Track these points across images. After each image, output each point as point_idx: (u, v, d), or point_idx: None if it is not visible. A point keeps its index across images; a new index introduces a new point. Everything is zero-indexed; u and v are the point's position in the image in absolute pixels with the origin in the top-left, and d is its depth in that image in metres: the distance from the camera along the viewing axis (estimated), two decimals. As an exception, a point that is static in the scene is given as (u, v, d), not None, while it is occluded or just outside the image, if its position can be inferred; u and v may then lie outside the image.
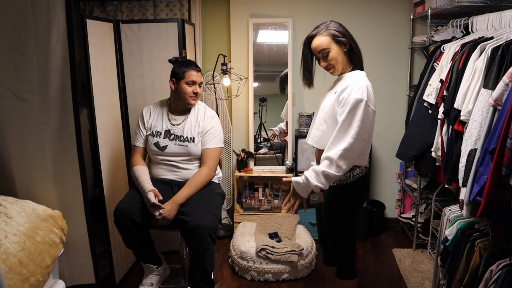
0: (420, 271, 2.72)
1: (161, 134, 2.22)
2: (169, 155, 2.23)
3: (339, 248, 1.88)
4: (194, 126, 2.23)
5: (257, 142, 3.44)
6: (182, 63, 2.22)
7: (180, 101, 2.22)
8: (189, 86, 2.17)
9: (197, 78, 2.19)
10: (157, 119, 2.27)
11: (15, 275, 1.62)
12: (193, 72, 2.18)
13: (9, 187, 2.14)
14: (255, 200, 3.35)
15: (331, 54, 1.71)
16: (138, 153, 2.29)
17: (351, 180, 1.76)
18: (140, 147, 2.28)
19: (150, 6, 3.09)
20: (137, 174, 2.20)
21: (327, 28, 1.72)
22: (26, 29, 2.03)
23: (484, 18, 2.12)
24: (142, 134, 2.27)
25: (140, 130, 2.28)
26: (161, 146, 2.21)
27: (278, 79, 3.36)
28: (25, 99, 2.09)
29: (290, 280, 2.67)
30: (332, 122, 1.72)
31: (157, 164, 2.27)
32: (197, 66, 2.23)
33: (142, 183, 2.15)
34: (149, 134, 2.25)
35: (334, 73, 1.77)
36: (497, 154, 1.45)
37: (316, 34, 1.73)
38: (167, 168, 2.25)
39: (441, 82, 2.17)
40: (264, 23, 3.25)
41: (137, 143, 2.29)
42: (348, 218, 1.82)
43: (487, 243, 1.77)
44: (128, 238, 2.12)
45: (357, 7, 3.18)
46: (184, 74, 2.17)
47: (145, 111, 2.30)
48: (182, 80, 2.17)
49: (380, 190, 3.44)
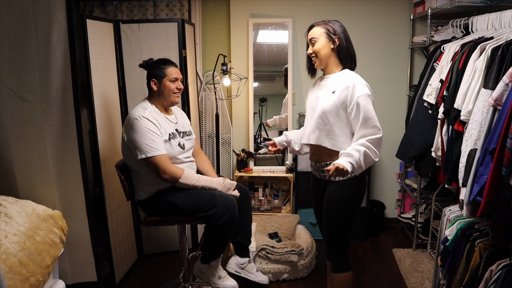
0: (420, 271, 2.72)
1: (176, 134, 2.21)
2: (187, 151, 2.25)
3: (336, 242, 1.94)
4: (184, 120, 2.35)
5: (257, 142, 3.44)
6: (158, 62, 2.18)
7: (164, 101, 2.19)
8: (173, 83, 2.16)
9: (178, 74, 2.18)
10: (163, 123, 2.16)
11: (15, 275, 1.62)
12: (174, 68, 2.17)
13: (11, 187, 2.14)
14: (255, 200, 3.36)
15: (317, 45, 1.85)
16: (169, 161, 2.08)
17: (351, 177, 1.84)
18: (166, 154, 2.08)
19: (150, 6, 3.09)
20: (195, 176, 2.15)
21: (326, 23, 1.86)
22: (27, 29, 2.04)
23: (484, 18, 2.12)
24: (162, 140, 2.08)
25: (158, 136, 2.06)
26: (182, 145, 2.21)
27: (278, 78, 3.37)
28: (26, 99, 2.09)
29: (290, 280, 2.67)
30: (335, 120, 1.83)
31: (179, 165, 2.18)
32: (174, 63, 2.21)
33: (207, 179, 2.18)
34: (169, 137, 2.13)
35: (316, 65, 1.91)
36: (497, 154, 1.45)
37: (315, 24, 1.88)
38: (188, 165, 2.25)
39: (441, 82, 2.17)
40: (264, 23, 3.26)
41: (163, 151, 2.05)
42: (348, 213, 1.90)
43: (487, 243, 1.77)
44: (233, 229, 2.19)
45: (357, 7, 3.18)
46: (165, 71, 2.14)
47: (149, 117, 2.08)
48: (165, 78, 2.14)
49: (380, 190, 3.44)
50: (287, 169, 3.30)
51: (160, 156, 2.03)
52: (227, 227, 2.11)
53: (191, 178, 2.12)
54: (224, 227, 2.10)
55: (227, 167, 3.44)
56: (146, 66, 2.20)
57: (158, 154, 2.02)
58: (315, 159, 1.97)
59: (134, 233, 2.87)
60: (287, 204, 3.40)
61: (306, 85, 3.29)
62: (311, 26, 1.90)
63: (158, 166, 2.03)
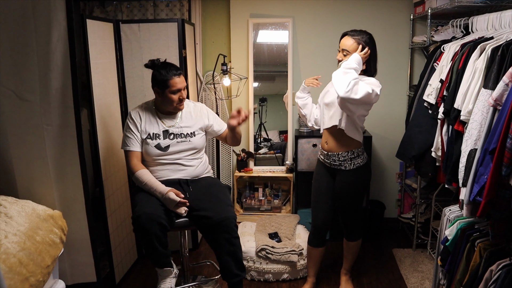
0: (420, 271, 2.72)
1: (160, 135, 2.17)
2: (173, 154, 2.20)
3: (355, 220, 2.37)
4: (191, 122, 2.24)
5: (257, 142, 3.45)
6: (161, 68, 2.10)
7: (167, 108, 2.18)
8: (175, 94, 2.11)
9: (181, 84, 2.11)
10: (150, 122, 2.18)
11: (15, 275, 1.62)
12: (176, 79, 2.09)
13: (10, 187, 2.14)
14: (255, 200, 3.36)
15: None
16: (135, 158, 2.17)
17: (363, 163, 2.25)
18: (136, 151, 2.17)
19: (150, 6, 3.09)
20: (145, 178, 2.11)
21: (359, 34, 2.13)
22: (26, 29, 2.03)
23: (484, 18, 2.12)
24: (137, 138, 2.17)
25: (133, 133, 2.17)
26: (163, 147, 2.17)
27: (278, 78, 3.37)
28: (26, 99, 2.09)
29: (290, 280, 2.67)
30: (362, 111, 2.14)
31: (158, 166, 2.20)
32: (177, 69, 2.13)
33: (154, 185, 2.09)
34: (146, 137, 2.17)
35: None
36: (497, 154, 1.45)
37: (348, 34, 2.14)
38: (171, 168, 2.21)
39: (441, 82, 2.17)
40: (264, 23, 3.26)
41: (132, 148, 2.17)
42: (362, 194, 2.33)
43: (487, 243, 1.77)
44: (153, 244, 2.00)
45: (357, 7, 3.18)
46: (168, 83, 2.08)
47: (133, 114, 2.19)
48: (167, 90, 2.09)
49: (380, 190, 3.44)
50: (287, 169, 3.30)
51: (129, 151, 2.18)
52: (138, 237, 2.05)
53: (141, 179, 2.12)
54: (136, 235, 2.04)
55: (227, 167, 3.44)
56: (151, 67, 2.15)
57: (127, 149, 2.19)
58: (327, 148, 2.25)
59: (134, 233, 2.86)
60: (287, 204, 3.40)
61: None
62: (344, 34, 2.14)
63: (126, 159, 2.21)
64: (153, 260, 2.09)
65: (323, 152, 2.30)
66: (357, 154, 2.22)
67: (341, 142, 2.21)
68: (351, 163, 2.21)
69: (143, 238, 2.00)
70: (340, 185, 2.27)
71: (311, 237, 2.43)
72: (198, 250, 3.07)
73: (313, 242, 2.42)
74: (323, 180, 2.33)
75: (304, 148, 3.12)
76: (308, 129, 3.22)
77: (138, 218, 1.95)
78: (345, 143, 2.21)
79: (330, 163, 2.26)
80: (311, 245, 2.44)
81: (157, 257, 2.07)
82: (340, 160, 2.22)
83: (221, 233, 2.04)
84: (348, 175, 2.23)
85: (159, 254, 2.05)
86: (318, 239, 2.40)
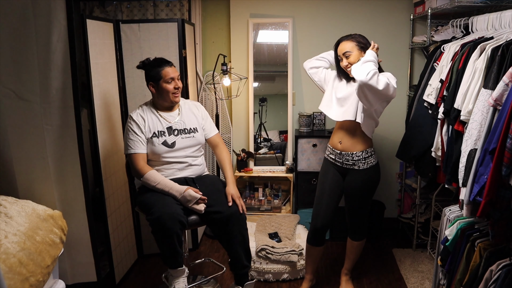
0: (420, 271, 2.72)
1: (165, 132, 2.21)
2: (179, 151, 2.22)
3: (362, 219, 2.40)
4: (192, 118, 2.31)
5: (257, 142, 3.45)
6: (153, 63, 2.18)
7: (164, 101, 2.22)
8: (169, 83, 2.16)
9: (174, 73, 2.17)
10: (152, 121, 2.21)
11: (15, 275, 1.62)
12: (168, 69, 2.16)
13: (11, 187, 2.14)
14: (255, 200, 3.36)
15: (352, 57, 2.11)
16: (142, 160, 2.16)
17: (375, 162, 2.26)
18: (141, 153, 2.17)
19: (150, 6, 3.09)
20: (158, 179, 2.11)
21: (353, 36, 2.12)
22: (27, 29, 2.04)
23: (484, 18, 2.12)
24: (141, 139, 2.17)
25: (137, 135, 2.17)
26: (169, 144, 2.20)
27: (278, 78, 3.37)
28: (26, 99, 2.09)
29: (290, 280, 2.67)
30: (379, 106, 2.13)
31: (165, 165, 2.22)
32: (169, 62, 2.19)
33: (169, 184, 2.10)
34: (152, 136, 2.19)
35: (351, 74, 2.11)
36: (497, 154, 1.45)
37: (343, 39, 2.14)
38: (178, 167, 2.24)
39: (441, 82, 2.17)
40: (264, 23, 3.26)
41: (137, 150, 2.16)
42: (372, 194, 2.35)
43: (487, 243, 1.77)
44: (173, 244, 2.00)
45: (357, 7, 3.18)
46: (161, 73, 2.14)
47: (135, 116, 2.20)
48: (161, 80, 2.15)
49: (380, 190, 3.43)
50: (287, 169, 3.30)
51: (134, 154, 2.17)
52: (159, 238, 2.02)
53: (153, 179, 2.11)
54: (156, 237, 2.02)
55: (227, 167, 3.44)
56: (143, 67, 2.22)
57: (132, 152, 2.17)
58: (341, 148, 2.25)
59: (134, 233, 2.87)
60: (287, 204, 3.40)
61: (306, 85, 3.28)
62: (339, 41, 2.15)
63: (131, 162, 2.19)
64: (170, 260, 2.10)
65: (334, 152, 2.28)
66: (370, 154, 2.23)
67: (356, 141, 2.20)
68: (365, 162, 2.21)
69: (165, 239, 2.00)
70: (352, 185, 2.27)
71: (310, 236, 2.43)
72: (198, 250, 3.07)
73: (312, 241, 2.42)
74: (329, 180, 2.32)
75: (304, 148, 3.12)
76: (308, 129, 3.22)
77: (159, 219, 1.95)
78: (359, 142, 2.20)
79: (342, 163, 2.26)
80: (310, 243, 2.44)
81: (175, 257, 2.08)
82: (354, 160, 2.22)
83: (233, 225, 2.14)
84: (361, 175, 2.23)
85: (176, 254, 2.06)
86: (317, 238, 2.40)
